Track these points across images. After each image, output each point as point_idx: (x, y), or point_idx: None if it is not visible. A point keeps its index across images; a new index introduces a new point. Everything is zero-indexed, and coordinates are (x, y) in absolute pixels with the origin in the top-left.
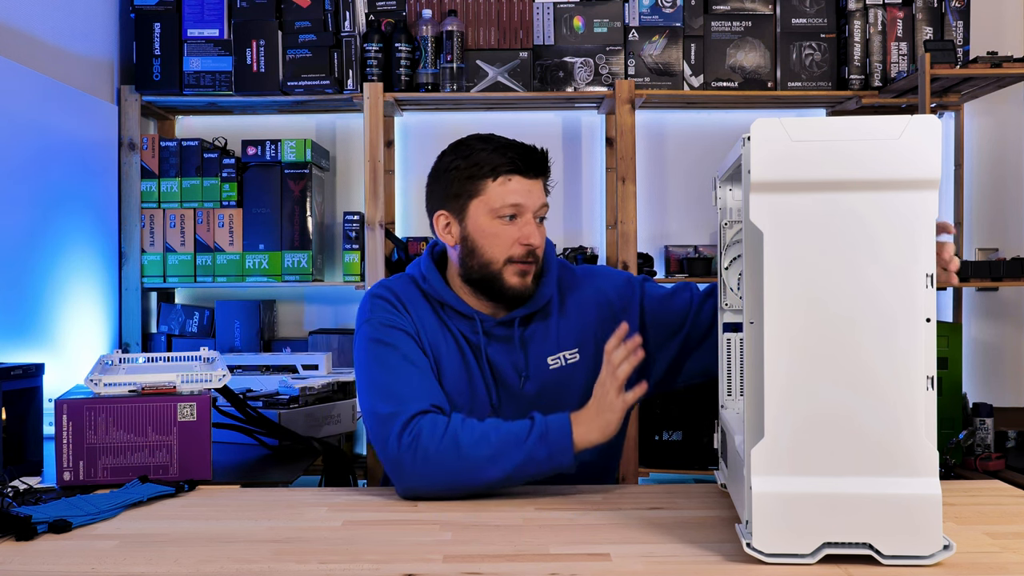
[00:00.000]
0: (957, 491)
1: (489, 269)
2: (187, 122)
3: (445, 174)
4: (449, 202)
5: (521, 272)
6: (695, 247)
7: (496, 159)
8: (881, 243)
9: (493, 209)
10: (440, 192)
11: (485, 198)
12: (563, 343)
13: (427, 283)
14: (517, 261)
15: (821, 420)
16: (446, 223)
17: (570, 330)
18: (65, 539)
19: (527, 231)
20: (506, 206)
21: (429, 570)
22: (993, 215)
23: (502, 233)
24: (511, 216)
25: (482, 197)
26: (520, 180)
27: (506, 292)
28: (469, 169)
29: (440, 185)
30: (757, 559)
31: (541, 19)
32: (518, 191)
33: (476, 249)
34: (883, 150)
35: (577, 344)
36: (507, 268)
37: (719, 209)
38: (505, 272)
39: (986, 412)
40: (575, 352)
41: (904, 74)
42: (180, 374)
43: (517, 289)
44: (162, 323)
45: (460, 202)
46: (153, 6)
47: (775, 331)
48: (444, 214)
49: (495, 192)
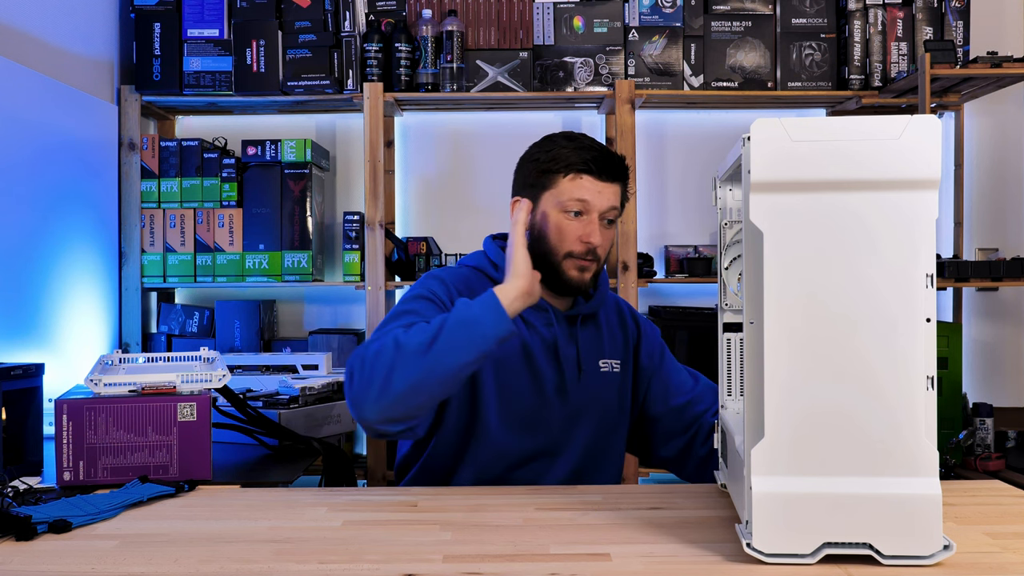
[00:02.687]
0: (957, 491)
1: (549, 259)
2: (187, 122)
3: (527, 163)
4: (526, 190)
5: (580, 267)
6: (695, 247)
7: (572, 157)
8: (881, 243)
9: (560, 203)
10: (520, 179)
11: (555, 191)
12: (610, 352)
13: (500, 271)
14: (576, 256)
15: (821, 420)
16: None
17: (615, 342)
18: (65, 539)
19: (589, 229)
20: (572, 200)
21: (429, 570)
22: (993, 215)
23: (566, 227)
24: (577, 212)
25: (553, 190)
26: (591, 180)
27: (565, 283)
28: (547, 163)
29: (521, 173)
30: (757, 559)
31: (541, 19)
32: (587, 189)
33: (541, 238)
34: (883, 150)
35: (620, 357)
36: (566, 261)
37: (719, 209)
38: (564, 265)
39: (986, 412)
40: (618, 363)
41: (904, 74)
42: (180, 374)
43: (575, 281)
44: (162, 323)
45: (534, 191)
46: (153, 6)
47: (775, 331)
48: (520, 199)
49: (565, 187)
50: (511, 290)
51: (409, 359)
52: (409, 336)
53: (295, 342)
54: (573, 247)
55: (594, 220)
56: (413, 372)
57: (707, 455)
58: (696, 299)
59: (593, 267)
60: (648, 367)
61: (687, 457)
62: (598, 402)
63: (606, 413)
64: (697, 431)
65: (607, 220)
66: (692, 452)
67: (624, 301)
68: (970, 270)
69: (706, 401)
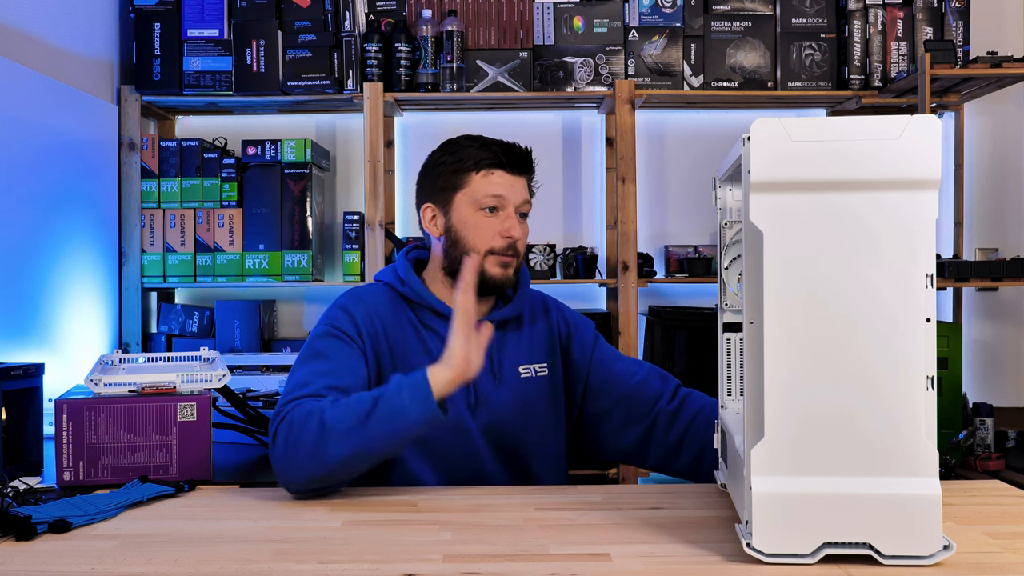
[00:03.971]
0: (957, 491)
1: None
2: (187, 122)
3: (433, 169)
4: (435, 195)
5: (502, 263)
6: (695, 247)
7: (480, 154)
8: (881, 243)
9: (476, 200)
10: (428, 186)
11: (469, 190)
12: (534, 355)
13: (406, 286)
14: (498, 253)
15: (821, 420)
16: (432, 215)
17: (541, 344)
18: (65, 539)
19: (508, 224)
20: (488, 197)
21: (429, 570)
22: (993, 215)
23: (484, 225)
24: (492, 208)
25: (466, 190)
26: (502, 175)
27: (487, 281)
28: (455, 164)
29: (428, 180)
30: (757, 559)
31: (541, 19)
32: (500, 184)
33: (459, 240)
34: (883, 150)
35: (546, 359)
36: (488, 259)
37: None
38: (486, 263)
39: (986, 412)
40: (544, 367)
41: (904, 74)
42: (180, 374)
43: (498, 279)
44: (162, 323)
45: (446, 195)
46: (153, 6)
47: (775, 331)
48: (430, 207)
49: (478, 184)
50: (442, 379)
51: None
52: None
53: (295, 342)
54: (493, 243)
55: (511, 214)
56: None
57: (676, 443)
58: (696, 299)
59: (513, 263)
60: (581, 364)
61: (647, 445)
62: (524, 408)
63: (532, 419)
64: (656, 419)
65: (521, 214)
66: (653, 440)
67: (552, 299)
68: (970, 270)
69: (654, 386)
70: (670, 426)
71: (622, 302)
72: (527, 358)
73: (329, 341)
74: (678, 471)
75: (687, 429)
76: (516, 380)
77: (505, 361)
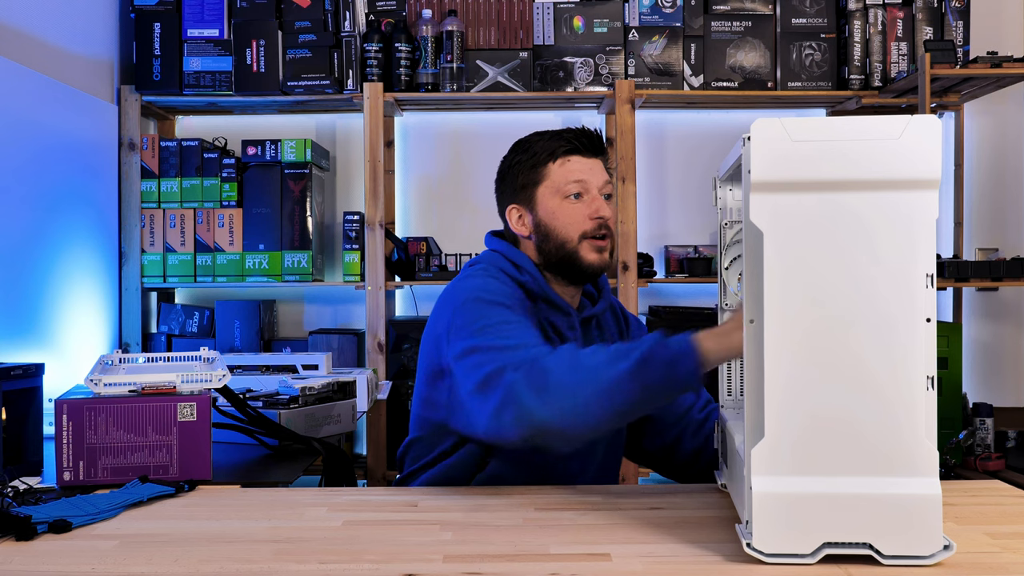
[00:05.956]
0: (957, 491)
1: (566, 248)
2: (187, 122)
3: (510, 170)
4: (518, 195)
5: (597, 248)
6: (695, 247)
7: (553, 144)
8: (881, 243)
9: (559, 189)
10: (508, 188)
11: (550, 182)
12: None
13: (526, 274)
14: (591, 236)
15: (821, 420)
16: (519, 215)
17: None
18: (65, 539)
19: (596, 205)
20: (571, 183)
21: (429, 570)
22: (993, 215)
23: (572, 211)
24: (577, 194)
25: (547, 182)
26: (580, 159)
27: (585, 269)
28: (530, 159)
29: (507, 182)
30: (757, 559)
31: (541, 19)
32: (580, 169)
33: (550, 232)
34: (883, 150)
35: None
36: (583, 245)
37: (719, 209)
38: (582, 249)
39: (986, 412)
40: None
41: (904, 74)
42: (180, 374)
43: (595, 265)
44: (162, 323)
45: (528, 192)
46: (153, 6)
47: (775, 331)
48: (515, 207)
49: (558, 173)
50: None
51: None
52: (587, 352)
53: (295, 342)
54: (585, 227)
55: (596, 196)
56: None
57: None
58: (696, 299)
59: (608, 245)
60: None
61: (674, 452)
62: None
63: None
64: (686, 425)
65: (605, 195)
66: (680, 446)
67: (614, 298)
68: (970, 270)
69: (689, 395)
70: (694, 435)
71: (622, 302)
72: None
73: (503, 311)
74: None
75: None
76: None
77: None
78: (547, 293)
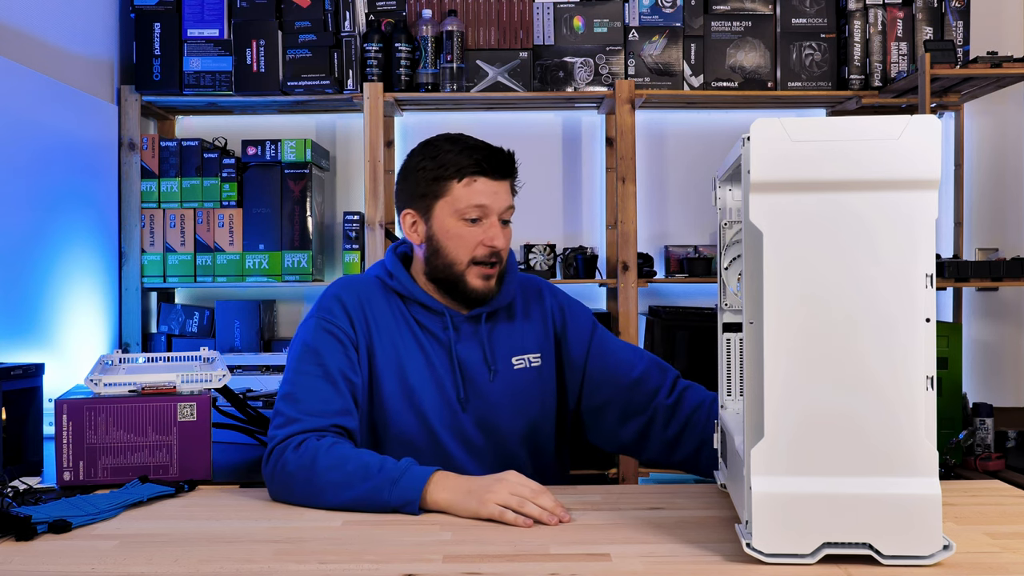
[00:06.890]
0: (957, 491)
1: (452, 270)
2: (187, 122)
3: (413, 174)
4: (416, 201)
5: (484, 275)
6: (695, 247)
7: (462, 160)
8: (881, 243)
9: (458, 210)
10: (408, 191)
11: (450, 199)
12: (527, 346)
13: (395, 280)
14: (480, 263)
15: (821, 420)
16: (412, 222)
17: (534, 335)
18: (65, 539)
19: (491, 233)
20: (471, 207)
21: (429, 570)
22: (993, 215)
23: (466, 235)
24: (475, 219)
25: (447, 198)
26: (485, 182)
27: (468, 294)
28: (435, 170)
29: (408, 184)
30: (757, 559)
31: (541, 19)
32: (483, 193)
33: (440, 249)
34: (883, 150)
35: (539, 350)
36: (470, 270)
37: (719, 209)
38: (468, 274)
39: (986, 412)
40: (538, 356)
41: (904, 74)
42: (180, 374)
43: (479, 291)
44: (162, 323)
45: (426, 202)
46: (153, 6)
47: (775, 331)
48: (411, 213)
49: (460, 194)
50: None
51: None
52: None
53: None
54: (476, 253)
55: (494, 223)
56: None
57: (675, 437)
58: (696, 299)
59: (496, 272)
60: (578, 354)
61: (646, 439)
62: (518, 399)
63: (525, 411)
64: (655, 413)
65: (504, 220)
66: (652, 434)
67: (548, 284)
68: (970, 270)
69: (654, 379)
70: (669, 421)
71: (622, 302)
72: (520, 349)
73: (323, 337)
74: (677, 463)
75: (686, 424)
76: (510, 372)
77: (498, 352)
78: (416, 296)
